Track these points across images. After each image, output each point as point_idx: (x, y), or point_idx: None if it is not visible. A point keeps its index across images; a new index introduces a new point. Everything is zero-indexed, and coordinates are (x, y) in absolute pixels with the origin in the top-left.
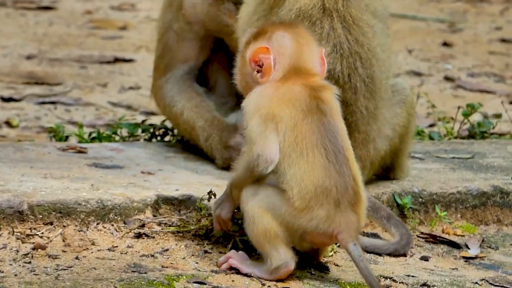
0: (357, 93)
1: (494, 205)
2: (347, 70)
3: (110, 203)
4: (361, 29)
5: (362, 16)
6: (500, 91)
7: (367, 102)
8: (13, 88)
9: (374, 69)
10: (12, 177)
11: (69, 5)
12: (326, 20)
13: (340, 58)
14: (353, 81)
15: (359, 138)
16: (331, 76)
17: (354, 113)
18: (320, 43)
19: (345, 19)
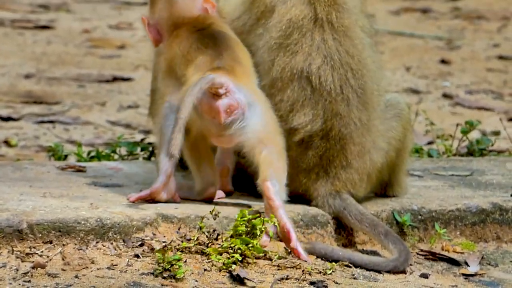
0: (350, 104)
1: (493, 222)
2: (339, 81)
3: (109, 221)
4: (351, 40)
5: (353, 28)
6: (498, 108)
7: (360, 114)
8: (11, 107)
9: (365, 80)
10: (11, 196)
11: (66, 24)
12: (317, 32)
13: (331, 70)
14: (345, 92)
15: (355, 150)
16: (322, 87)
17: (348, 125)
18: (311, 54)
19: (337, 30)
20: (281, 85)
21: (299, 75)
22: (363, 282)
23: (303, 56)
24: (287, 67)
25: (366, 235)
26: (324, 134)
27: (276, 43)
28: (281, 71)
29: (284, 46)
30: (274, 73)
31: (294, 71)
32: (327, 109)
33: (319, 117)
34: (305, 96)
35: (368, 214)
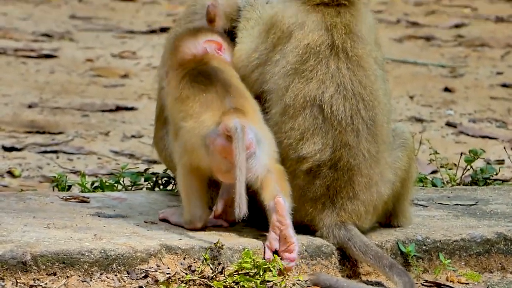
0: (359, 135)
1: (498, 253)
2: (350, 111)
3: (114, 253)
4: (365, 71)
5: (367, 58)
6: (502, 137)
7: (369, 145)
8: (14, 137)
9: (376, 112)
10: (15, 227)
11: (70, 53)
12: (332, 60)
13: (343, 99)
14: (356, 123)
15: (362, 182)
16: (333, 116)
17: (357, 156)
18: (324, 82)
19: (351, 60)
20: (293, 112)
21: (311, 103)
22: None
23: (317, 83)
24: (300, 94)
25: (368, 265)
26: (333, 164)
27: (292, 68)
28: (294, 98)
29: (299, 72)
30: (287, 100)
31: (307, 99)
32: (337, 139)
33: (328, 147)
34: (316, 125)
35: (372, 246)
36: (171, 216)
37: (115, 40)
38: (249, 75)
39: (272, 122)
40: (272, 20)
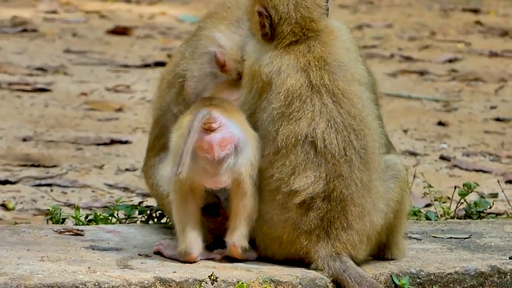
0: (352, 165)
1: (492, 285)
2: (343, 143)
3: (108, 285)
4: (351, 100)
5: (350, 87)
6: (496, 170)
7: (362, 174)
8: (8, 170)
9: (367, 139)
10: (9, 260)
11: (64, 87)
12: (316, 97)
13: (335, 133)
14: (349, 154)
15: (355, 212)
16: (327, 150)
17: (350, 186)
18: (314, 119)
19: (334, 93)
20: (285, 151)
21: (303, 140)
22: None
23: (307, 121)
24: (291, 134)
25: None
26: (326, 196)
27: (278, 113)
28: (285, 139)
29: (287, 115)
30: (279, 142)
31: (299, 137)
32: (330, 171)
33: (321, 179)
34: (308, 160)
35: (367, 277)
36: (165, 250)
37: (109, 74)
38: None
39: (266, 160)
40: (251, 71)
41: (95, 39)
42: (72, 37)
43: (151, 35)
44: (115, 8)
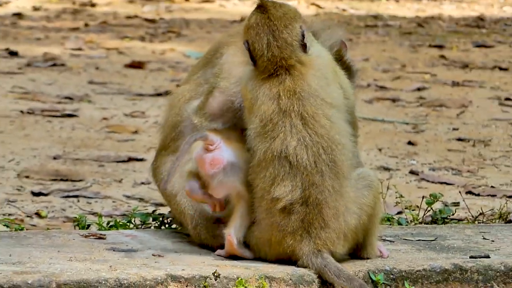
0: (324, 175)
1: (455, 281)
2: (313, 157)
3: (126, 281)
4: (318, 122)
5: (318, 111)
6: (458, 183)
7: (333, 182)
8: (41, 184)
9: (335, 154)
10: (42, 260)
11: (88, 113)
12: (286, 120)
13: (305, 149)
14: (319, 166)
15: (330, 213)
16: (299, 164)
17: (323, 192)
18: (286, 139)
19: (303, 117)
20: (265, 164)
21: (278, 156)
22: None
23: (280, 140)
24: (268, 151)
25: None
26: (304, 201)
27: (256, 132)
28: (263, 154)
29: (263, 134)
30: (259, 156)
31: (274, 153)
32: (305, 181)
33: (298, 188)
34: (284, 172)
35: (345, 270)
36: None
37: (127, 102)
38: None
39: (251, 171)
40: (242, 94)
41: (115, 72)
42: (95, 70)
43: (162, 68)
44: (131, 45)
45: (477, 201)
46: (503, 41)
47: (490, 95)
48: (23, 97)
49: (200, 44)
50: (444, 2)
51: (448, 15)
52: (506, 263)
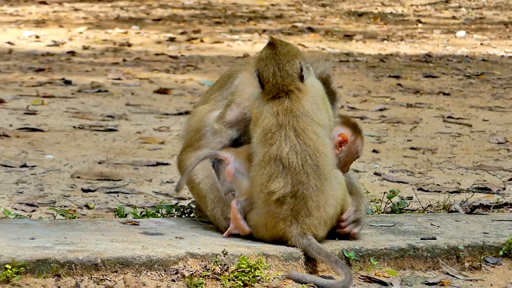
0: (309, 176)
1: (409, 257)
2: (301, 161)
3: (155, 257)
4: (307, 135)
5: (308, 127)
6: (411, 182)
7: (316, 182)
8: (89, 183)
9: (318, 160)
10: (90, 241)
11: (126, 128)
12: (282, 131)
13: (295, 154)
14: (305, 168)
15: (313, 205)
16: (290, 166)
17: (308, 188)
18: (281, 145)
19: (295, 130)
20: (263, 164)
21: (274, 158)
22: None
23: (276, 147)
24: (266, 154)
25: (323, 263)
26: (293, 195)
27: (258, 139)
28: (263, 156)
29: (263, 141)
30: (259, 157)
31: (272, 156)
32: (294, 179)
33: (288, 184)
34: (278, 171)
35: (324, 249)
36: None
37: (155, 119)
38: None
39: (253, 170)
40: (250, 109)
41: (146, 97)
42: (131, 95)
43: (183, 94)
44: (159, 76)
45: (426, 196)
46: (446, 73)
47: (436, 114)
48: (75, 116)
49: (212, 75)
50: (400, 42)
51: (404, 52)
52: (448, 243)
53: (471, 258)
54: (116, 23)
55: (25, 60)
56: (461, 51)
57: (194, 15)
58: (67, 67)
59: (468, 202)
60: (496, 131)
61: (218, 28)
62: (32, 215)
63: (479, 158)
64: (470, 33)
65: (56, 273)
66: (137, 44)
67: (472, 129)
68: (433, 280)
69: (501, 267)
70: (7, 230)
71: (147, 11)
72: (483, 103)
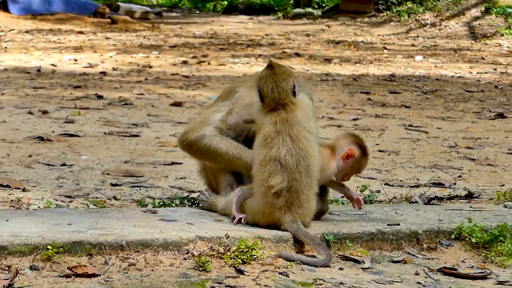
0: (301, 174)
1: (377, 239)
2: (295, 162)
3: (170, 240)
4: (300, 140)
5: (300, 133)
6: (379, 178)
7: (306, 179)
8: (117, 178)
9: (309, 161)
10: (116, 226)
11: (147, 134)
12: (280, 137)
13: (291, 156)
14: (299, 168)
15: (304, 198)
16: (287, 165)
17: (300, 184)
18: (279, 148)
19: (291, 136)
20: (264, 163)
21: (274, 159)
22: (307, 272)
23: (275, 149)
24: (267, 155)
25: (308, 245)
26: (288, 189)
27: (260, 143)
28: (264, 157)
29: (264, 144)
30: (261, 158)
31: (272, 157)
32: (290, 176)
33: (285, 180)
34: (277, 169)
35: (310, 233)
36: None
37: (171, 127)
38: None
39: (255, 168)
40: (254, 119)
41: (163, 109)
42: (151, 108)
43: (194, 106)
44: (174, 92)
45: (391, 190)
46: (407, 89)
47: (399, 123)
48: (106, 124)
49: (217, 91)
50: (370, 65)
51: (373, 73)
52: (410, 228)
53: (428, 240)
54: (140, 49)
55: (66, 79)
56: (419, 72)
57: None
58: (99, 84)
59: (426, 195)
60: (448, 137)
61: (222, 53)
62: (70, 205)
63: (434, 159)
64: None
65: (89, 253)
66: (157, 66)
67: (429, 135)
68: (398, 259)
69: (453, 248)
70: (49, 217)
71: (164, 39)
72: (437, 114)
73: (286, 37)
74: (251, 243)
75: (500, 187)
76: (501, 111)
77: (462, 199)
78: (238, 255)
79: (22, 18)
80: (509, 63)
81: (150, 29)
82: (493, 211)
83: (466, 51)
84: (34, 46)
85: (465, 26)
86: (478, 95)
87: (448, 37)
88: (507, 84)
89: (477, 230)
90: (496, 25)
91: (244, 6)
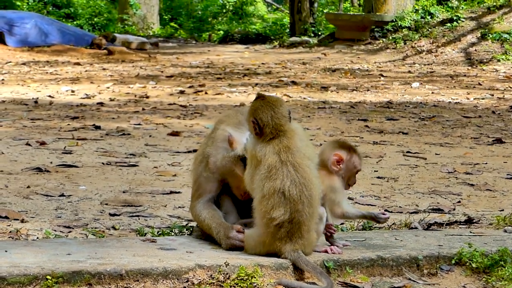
0: (304, 205)
1: (377, 266)
2: (299, 192)
3: (170, 268)
4: (303, 169)
5: (302, 161)
6: (378, 204)
7: (309, 209)
8: (115, 208)
9: (311, 191)
10: (115, 256)
11: (145, 164)
12: (284, 167)
13: (295, 187)
14: (302, 198)
15: (305, 229)
16: (291, 196)
17: (302, 216)
18: (283, 180)
19: (294, 165)
20: (268, 196)
21: (278, 191)
22: None
23: (279, 181)
24: (271, 188)
25: (309, 273)
26: (290, 221)
27: (263, 175)
28: (268, 189)
29: (268, 177)
30: (265, 191)
31: (276, 189)
32: (292, 208)
33: (287, 212)
34: (280, 201)
35: (311, 261)
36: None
37: (169, 157)
38: (249, 185)
39: (257, 200)
40: (251, 155)
41: (161, 138)
42: (149, 137)
43: (191, 136)
44: (172, 121)
45: (391, 216)
46: (404, 116)
47: (397, 150)
48: (103, 154)
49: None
50: (367, 92)
51: (370, 100)
52: (410, 254)
53: (428, 266)
54: (137, 80)
55: (63, 110)
56: (416, 99)
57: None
58: (97, 115)
59: (425, 221)
60: (446, 162)
61: (219, 82)
62: (69, 235)
63: (433, 184)
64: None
65: (88, 282)
66: (154, 96)
67: (427, 161)
68: (398, 285)
69: (454, 273)
70: (48, 248)
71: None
72: (435, 140)
73: (282, 66)
74: (251, 271)
75: (499, 212)
76: (499, 136)
77: (462, 225)
78: (238, 283)
79: (19, 50)
80: (506, 88)
81: (146, 60)
82: (493, 236)
83: (463, 77)
84: (31, 78)
85: (462, 52)
86: (475, 121)
87: (445, 64)
88: (504, 110)
89: (478, 255)
90: (493, 50)
91: (240, 36)
